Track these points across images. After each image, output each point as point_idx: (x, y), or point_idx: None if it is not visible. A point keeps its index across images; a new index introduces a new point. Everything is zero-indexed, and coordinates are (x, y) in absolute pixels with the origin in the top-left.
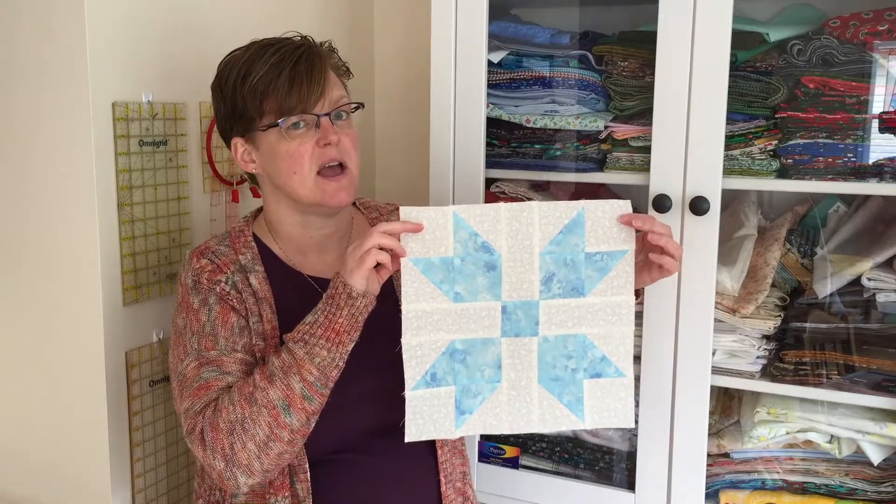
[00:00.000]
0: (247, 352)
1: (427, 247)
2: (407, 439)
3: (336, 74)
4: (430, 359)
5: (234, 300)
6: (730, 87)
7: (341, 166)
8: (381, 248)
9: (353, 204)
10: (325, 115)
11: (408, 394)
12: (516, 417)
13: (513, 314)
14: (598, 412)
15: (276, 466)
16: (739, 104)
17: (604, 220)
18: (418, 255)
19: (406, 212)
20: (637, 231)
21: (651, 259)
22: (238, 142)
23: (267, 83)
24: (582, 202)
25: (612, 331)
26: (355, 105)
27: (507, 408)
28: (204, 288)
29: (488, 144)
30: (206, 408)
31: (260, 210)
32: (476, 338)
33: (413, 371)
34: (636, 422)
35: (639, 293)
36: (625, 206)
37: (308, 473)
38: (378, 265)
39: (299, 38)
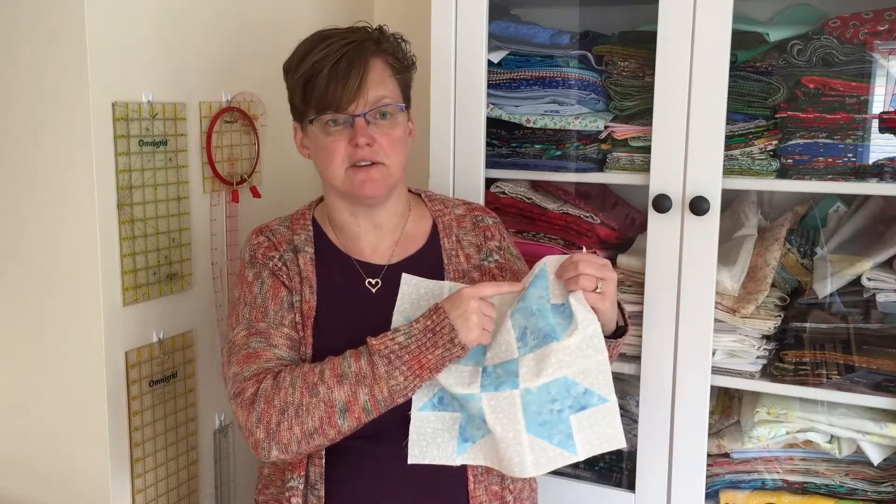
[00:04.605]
0: (292, 328)
1: (421, 312)
2: (410, 461)
3: (391, 72)
4: (436, 383)
5: (285, 276)
6: (730, 87)
7: (373, 164)
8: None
9: (419, 196)
10: (361, 115)
11: (414, 413)
12: (512, 465)
13: (493, 373)
14: (589, 442)
15: (308, 453)
16: (739, 104)
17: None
18: (412, 318)
19: (406, 279)
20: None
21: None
22: (296, 126)
23: (308, 78)
24: (544, 259)
25: (589, 363)
26: (398, 106)
27: (501, 454)
28: (259, 262)
29: (488, 144)
30: (259, 376)
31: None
32: (456, 393)
33: (420, 391)
34: (636, 421)
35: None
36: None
37: (323, 459)
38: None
39: (365, 28)
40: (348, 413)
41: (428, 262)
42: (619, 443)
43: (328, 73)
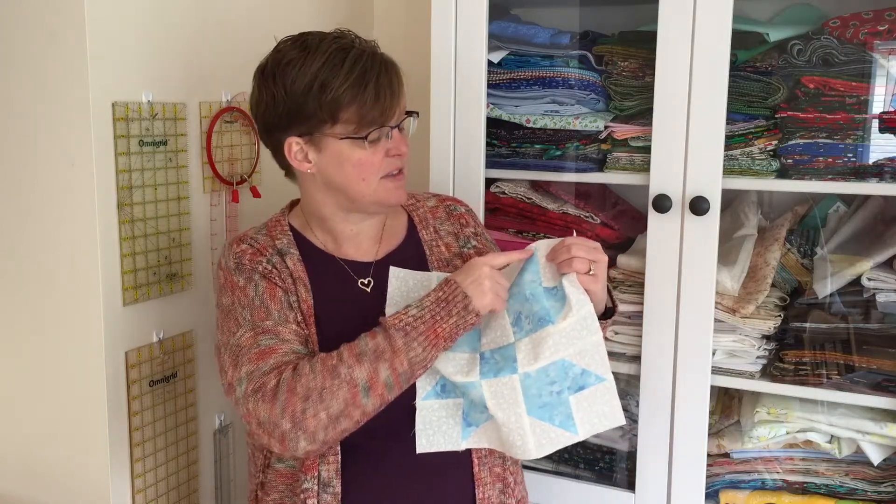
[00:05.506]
0: (297, 325)
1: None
2: (418, 451)
3: None
4: (437, 372)
5: (277, 278)
6: (730, 87)
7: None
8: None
9: None
10: (397, 126)
11: (418, 403)
12: (514, 448)
13: (490, 359)
14: (588, 421)
15: (334, 441)
16: (739, 104)
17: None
18: None
19: (395, 272)
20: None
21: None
22: (294, 140)
23: (353, 95)
24: (535, 243)
25: (585, 344)
26: (414, 113)
27: (504, 438)
28: (247, 268)
29: (488, 144)
30: (280, 368)
31: (294, 202)
32: (457, 381)
33: (423, 381)
34: (636, 421)
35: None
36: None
37: (339, 455)
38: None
39: (355, 37)
40: (371, 391)
41: (410, 255)
42: (619, 420)
43: (375, 88)
